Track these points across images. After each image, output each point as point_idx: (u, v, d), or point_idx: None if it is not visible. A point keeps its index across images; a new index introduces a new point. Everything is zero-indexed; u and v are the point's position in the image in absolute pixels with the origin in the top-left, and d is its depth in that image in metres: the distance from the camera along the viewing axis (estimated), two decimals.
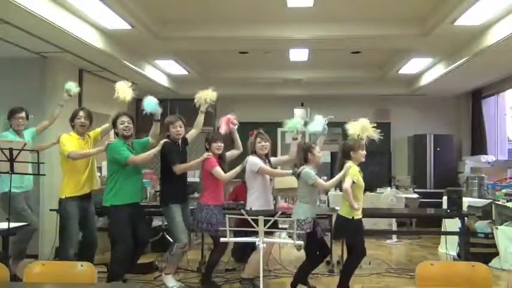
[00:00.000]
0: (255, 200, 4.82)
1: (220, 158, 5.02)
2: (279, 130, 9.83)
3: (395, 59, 7.95)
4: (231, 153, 5.24)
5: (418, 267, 2.86)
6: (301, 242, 3.97)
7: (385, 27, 6.08)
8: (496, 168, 8.09)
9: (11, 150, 4.72)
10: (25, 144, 4.85)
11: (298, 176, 4.70)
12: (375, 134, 4.82)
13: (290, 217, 4.72)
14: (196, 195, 7.92)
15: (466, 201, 6.63)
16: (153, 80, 8.22)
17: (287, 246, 5.20)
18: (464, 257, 5.72)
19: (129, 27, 5.78)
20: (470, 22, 5.51)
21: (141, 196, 5.13)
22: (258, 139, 4.92)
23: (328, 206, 8.14)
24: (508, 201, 6.45)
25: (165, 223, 5.86)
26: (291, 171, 4.84)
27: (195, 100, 5.21)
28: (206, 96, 5.17)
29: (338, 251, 6.04)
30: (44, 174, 5.05)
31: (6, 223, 4.69)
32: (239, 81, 9.50)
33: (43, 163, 4.99)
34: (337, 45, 6.89)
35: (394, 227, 7.96)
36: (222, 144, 5.03)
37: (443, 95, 9.94)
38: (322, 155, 5.00)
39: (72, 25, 5.40)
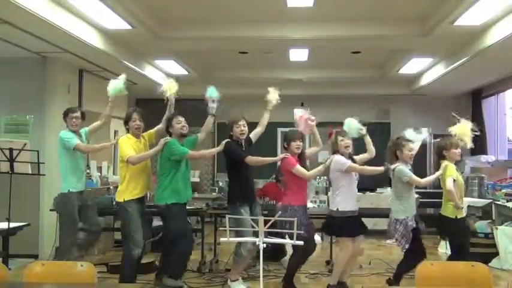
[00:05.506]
0: (342, 201, 4.64)
1: (300, 157, 4.80)
2: (279, 130, 9.83)
3: (396, 59, 7.94)
4: (310, 151, 5.07)
5: (418, 267, 2.85)
6: (300, 243, 3.67)
7: (385, 27, 6.08)
8: (496, 168, 8.08)
9: (11, 150, 4.73)
10: (25, 144, 4.86)
11: (392, 174, 4.62)
12: (468, 141, 4.95)
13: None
14: (196, 195, 7.93)
15: (466, 201, 6.61)
16: (153, 80, 8.22)
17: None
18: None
19: (129, 27, 5.78)
20: (470, 22, 5.51)
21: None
22: (340, 137, 4.69)
23: (328, 206, 8.08)
24: (508, 201, 6.45)
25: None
26: (382, 168, 4.65)
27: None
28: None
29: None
30: (44, 174, 5.06)
31: (6, 223, 4.71)
32: (239, 81, 9.48)
33: (43, 163, 5.00)
34: (337, 45, 6.90)
35: None
36: (301, 143, 4.82)
37: (443, 95, 9.92)
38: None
39: (72, 25, 5.40)
